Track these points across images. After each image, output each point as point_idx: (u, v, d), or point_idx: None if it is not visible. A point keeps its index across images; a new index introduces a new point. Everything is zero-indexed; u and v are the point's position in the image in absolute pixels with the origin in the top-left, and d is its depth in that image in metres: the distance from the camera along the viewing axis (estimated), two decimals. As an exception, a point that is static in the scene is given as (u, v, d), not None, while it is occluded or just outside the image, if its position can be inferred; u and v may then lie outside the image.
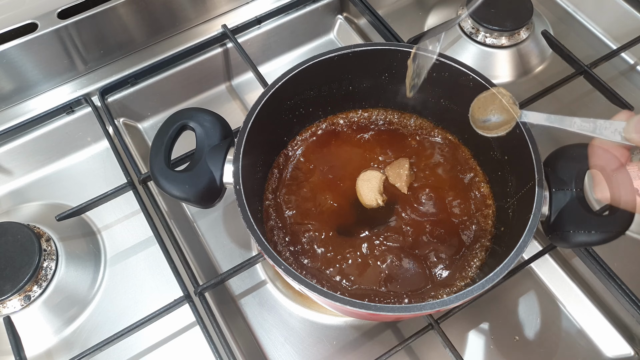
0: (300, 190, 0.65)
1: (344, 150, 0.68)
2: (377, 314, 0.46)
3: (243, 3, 0.89)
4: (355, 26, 0.93)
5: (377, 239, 0.61)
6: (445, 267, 0.59)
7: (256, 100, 0.57)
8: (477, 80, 0.57)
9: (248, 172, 0.56)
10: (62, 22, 0.74)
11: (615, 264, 0.62)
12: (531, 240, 0.49)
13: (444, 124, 0.68)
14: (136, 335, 0.63)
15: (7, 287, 0.62)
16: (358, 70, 0.64)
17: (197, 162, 0.55)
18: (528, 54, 0.86)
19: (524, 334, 0.65)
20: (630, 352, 0.64)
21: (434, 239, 0.61)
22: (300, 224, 0.62)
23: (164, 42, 0.85)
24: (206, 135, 0.55)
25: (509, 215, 0.59)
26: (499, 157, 0.60)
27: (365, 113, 0.70)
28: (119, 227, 0.74)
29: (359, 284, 0.58)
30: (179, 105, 0.85)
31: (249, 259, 0.64)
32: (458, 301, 0.46)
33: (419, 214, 0.62)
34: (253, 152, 0.57)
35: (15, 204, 0.75)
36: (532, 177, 0.52)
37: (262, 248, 0.49)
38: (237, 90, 0.88)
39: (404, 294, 0.58)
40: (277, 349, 0.65)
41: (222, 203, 0.64)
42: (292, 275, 0.47)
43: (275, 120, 0.63)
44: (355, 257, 0.60)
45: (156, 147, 0.55)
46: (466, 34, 0.87)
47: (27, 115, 0.77)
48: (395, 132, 0.69)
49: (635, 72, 0.86)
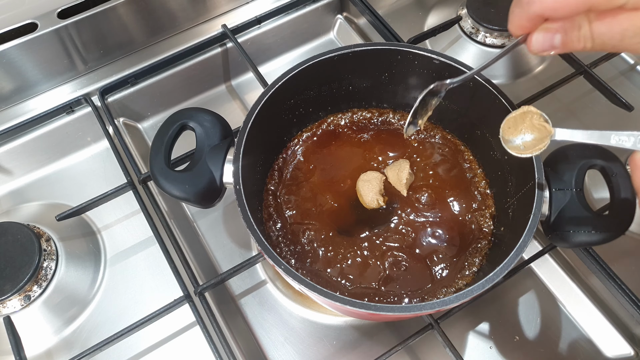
0: (300, 190, 0.65)
1: (344, 150, 0.68)
2: (376, 314, 0.46)
3: (243, 3, 0.89)
4: (355, 26, 0.93)
5: (377, 239, 0.61)
6: (445, 267, 0.59)
7: (256, 100, 0.57)
8: (476, 80, 0.57)
9: (248, 172, 0.56)
10: (62, 22, 0.74)
11: (615, 264, 0.62)
12: (531, 240, 0.49)
13: (444, 123, 0.69)
14: (136, 335, 0.63)
15: (7, 287, 0.62)
16: (358, 70, 0.64)
17: (197, 162, 0.55)
18: (528, 54, 0.86)
19: (524, 334, 0.65)
20: (630, 352, 0.64)
21: (434, 239, 0.61)
22: (300, 224, 0.62)
23: (164, 42, 0.85)
24: (206, 135, 0.55)
25: (509, 215, 0.59)
26: (499, 157, 0.60)
27: (365, 113, 0.70)
28: (119, 227, 0.74)
29: (359, 283, 0.58)
30: (179, 105, 0.85)
31: (249, 259, 0.64)
32: (458, 301, 0.46)
33: (419, 214, 0.62)
34: (253, 152, 0.57)
35: (15, 204, 0.75)
36: (532, 177, 0.52)
37: (262, 248, 0.49)
38: (237, 90, 0.88)
39: (404, 294, 0.58)
40: (277, 349, 0.65)
41: (222, 203, 0.64)
42: (292, 275, 0.47)
43: (275, 120, 0.63)
44: (355, 257, 0.60)
45: (156, 147, 0.55)
46: (466, 34, 0.87)
47: (27, 115, 0.77)
48: (394, 132, 0.69)
49: (635, 72, 0.86)
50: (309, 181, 0.65)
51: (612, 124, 0.80)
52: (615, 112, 0.77)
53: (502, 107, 0.56)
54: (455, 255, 0.60)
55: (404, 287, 0.58)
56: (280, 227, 0.62)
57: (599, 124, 0.81)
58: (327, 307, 0.63)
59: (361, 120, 0.70)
